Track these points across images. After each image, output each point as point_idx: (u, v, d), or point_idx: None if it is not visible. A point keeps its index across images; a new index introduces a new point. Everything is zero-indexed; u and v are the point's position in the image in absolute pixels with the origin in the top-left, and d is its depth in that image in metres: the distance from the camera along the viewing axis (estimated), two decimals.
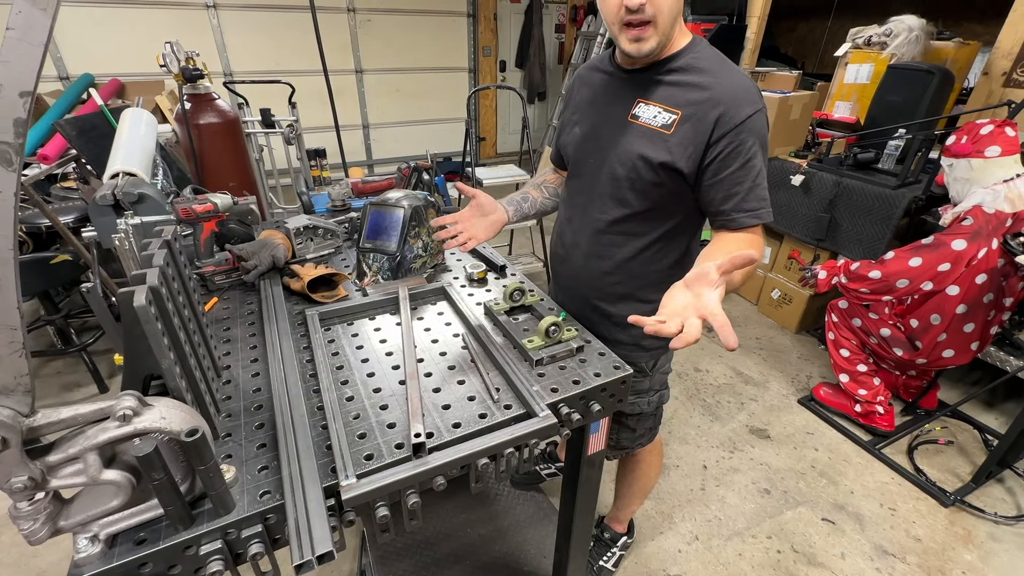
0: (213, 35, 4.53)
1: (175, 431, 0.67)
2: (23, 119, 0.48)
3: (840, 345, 2.28)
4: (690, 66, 0.97)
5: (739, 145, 0.93)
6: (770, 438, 2.24)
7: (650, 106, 1.00)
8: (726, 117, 0.92)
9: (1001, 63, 2.69)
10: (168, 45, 1.71)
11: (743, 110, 0.91)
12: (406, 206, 1.39)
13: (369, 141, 5.68)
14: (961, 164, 1.91)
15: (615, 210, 1.08)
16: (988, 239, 1.79)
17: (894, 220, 2.37)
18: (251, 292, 1.35)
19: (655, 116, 0.99)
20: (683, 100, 0.96)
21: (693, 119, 0.95)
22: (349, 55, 5.16)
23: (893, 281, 1.90)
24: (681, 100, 0.96)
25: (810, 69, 5.83)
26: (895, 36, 2.80)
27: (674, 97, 0.97)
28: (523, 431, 0.90)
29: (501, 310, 1.23)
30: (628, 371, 1.07)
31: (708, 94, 0.94)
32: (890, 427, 2.20)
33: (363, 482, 0.77)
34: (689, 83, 0.96)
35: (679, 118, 0.96)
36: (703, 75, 0.95)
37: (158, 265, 0.76)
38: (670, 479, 2.02)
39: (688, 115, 0.95)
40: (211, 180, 1.68)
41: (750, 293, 3.30)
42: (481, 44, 5.78)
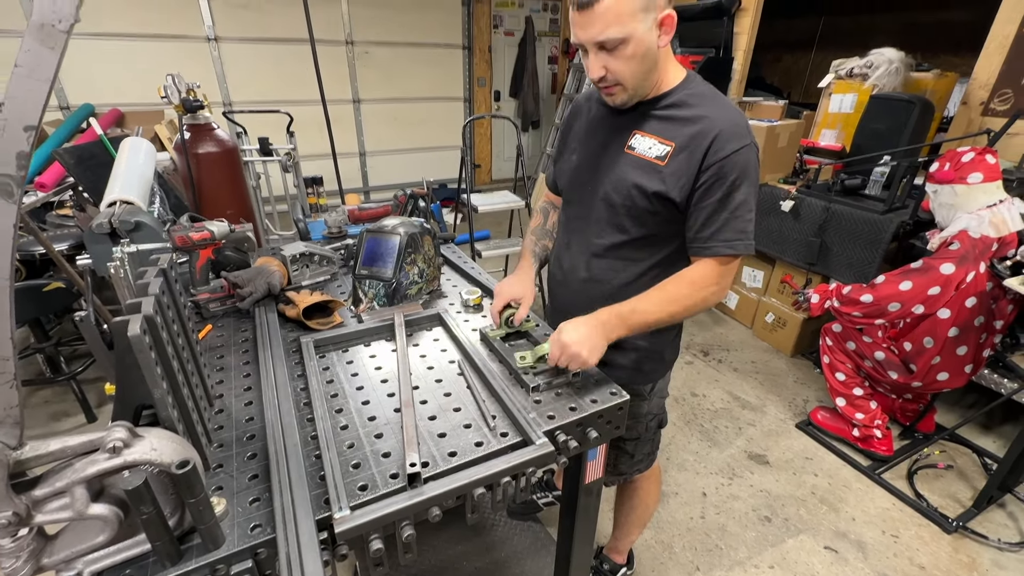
0: (213, 66, 4.63)
1: (166, 463, 0.66)
2: (26, 152, 0.49)
3: (835, 369, 2.28)
4: (683, 102, 1.01)
5: (722, 177, 0.96)
6: (769, 464, 2.21)
7: (645, 138, 1.03)
8: (714, 148, 0.95)
9: (979, 93, 2.79)
10: (170, 77, 1.74)
11: (730, 144, 0.95)
12: (402, 233, 1.41)
13: (365, 168, 5.75)
14: (945, 190, 1.95)
15: (612, 236, 1.10)
16: (976, 263, 1.82)
17: (883, 244, 2.41)
18: (246, 319, 1.35)
19: (650, 148, 1.02)
20: (677, 133, 0.99)
21: (686, 151, 0.98)
22: (347, 85, 5.27)
23: (885, 305, 1.91)
24: (675, 133, 1.00)
25: (796, 98, 6.00)
26: (876, 68, 2.90)
27: (668, 130, 1.01)
28: (520, 459, 0.89)
29: (496, 336, 1.23)
30: (625, 398, 1.06)
31: (700, 127, 0.97)
32: (888, 451, 2.19)
33: (357, 514, 0.76)
34: (683, 117, 1.00)
35: (672, 150, 0.99)
36: (696, 109, 0.99)
37: (154, 294, 0.76)
38: (669, 507, 1.98)
39: (681, 147, 0.98)
40: (208, 208, 1.69)
41: (745, 317, 3.31)
42: (476, 75, 5.93)
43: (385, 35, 5.27)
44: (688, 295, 1.01)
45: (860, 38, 5.64)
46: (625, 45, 0.91)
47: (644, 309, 1.00)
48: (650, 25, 0.92)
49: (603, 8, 0.89)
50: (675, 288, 1.02)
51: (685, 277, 1.03)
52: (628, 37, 0.90)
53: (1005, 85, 2.69)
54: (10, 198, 0.49)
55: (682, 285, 1.02)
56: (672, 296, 1.01)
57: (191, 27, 4.43)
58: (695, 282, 1.02)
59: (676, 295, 1.01)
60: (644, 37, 0.91)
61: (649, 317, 1.00)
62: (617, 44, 0.91)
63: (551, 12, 6.18)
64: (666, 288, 1.02)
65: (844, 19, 6.08)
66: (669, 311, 1.01)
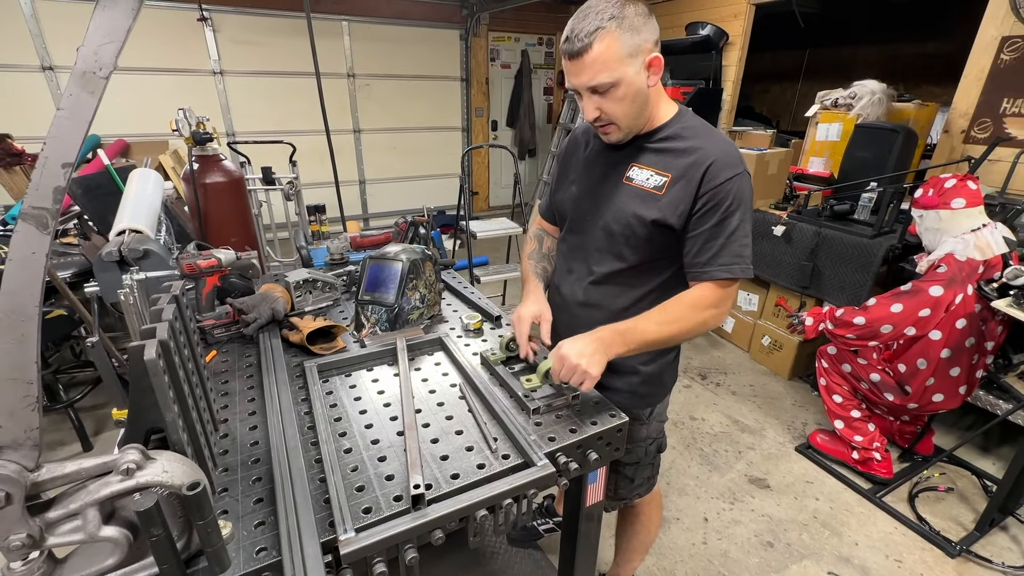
0: (218, 98, 4.76)
1: (176, 484, 0.67)
2: (62, 187, 0.53)
3: (832, 391, 2.30)
4: (678, 135, 1.06)
5: (717, 204, 1.00)
6: (770, 488, 2.21)
7: (643, 170, 1.08)
8: (709, 176, 1.00)
9: (959, 122, 2.90)
10: (181, 111, 1.81)
11: (724, 172, 1.00)
12: (404, 259, 1.44)
13: (365, 196, 5.85)
14: (930, 215, 2.02)
15: (612, 263, 1.14)
16: (963, 285, 1.87)
17: (873, 268, 2.46)
18: (250, 345, 1.37)
19: (648, 179, 1.07)
20: (673, 165, 1.05)
21: (683, 180, 1.03)
22: (348, 116, 5.41)
23: (877, 327, 1.95)
24: (671, 164, 1.05)
25: (784, 127, 6.19)
26: (859, 98, 3.02)
27: (664, 162, 1.06)
28: (521, 481, 0.90)
29: (497, 360, 1.25)
30: (624, 419, 1.08)
31: (695, 158, 1.02)
32: (888, 474, 2.19)
33: (361, 536, 0.77)
34: (678, 149, 1.05)
35: (669, 180, 1.04)
36: (690, 141, 1.04)
37: (167, 319, 0.79)
38: (671, 533, 1.97)
39: (677, 177, 1.04)
40: (214, 236, 1.73)
41: (741, 340, 3.34)
42: (474, 105, 6.09)
43: (385, 68, 5.44)
44: (687, 316, 1.04)
45: (843, 70, 5.87)
46: (616, 88, 0.98)
47: (643, 328, 1.03)
48: (638, 68, 0.98)
49: (592, 58, 0.96)
50: (674, 309, 1.05)
51: (684, 299, 1.06)
52: (618, 81, 0.97)
53: (984, 114, 2.80)
54: (45, 229, 0.53)
55: (681, 307, 1.05)
56: (671, 317, 1.04)
57: (198, 61, 4.58)
58: (694, 304, 1.05)
59: (675, 316, 1.04)
60: (633, 80, 0.97)
61: (648, 336, 1.03)
62: (608, 88, 0.98)
63: (546, 46, 6.41)
64: (666, 309, 1.05)
65: (828, 51, 6.32)
66: (668, 331, 1.03)
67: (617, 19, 0.95)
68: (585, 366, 0.98)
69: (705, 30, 4.21)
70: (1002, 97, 2.73)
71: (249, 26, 4.68)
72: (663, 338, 1.04)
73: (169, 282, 1.13)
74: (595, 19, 0.95)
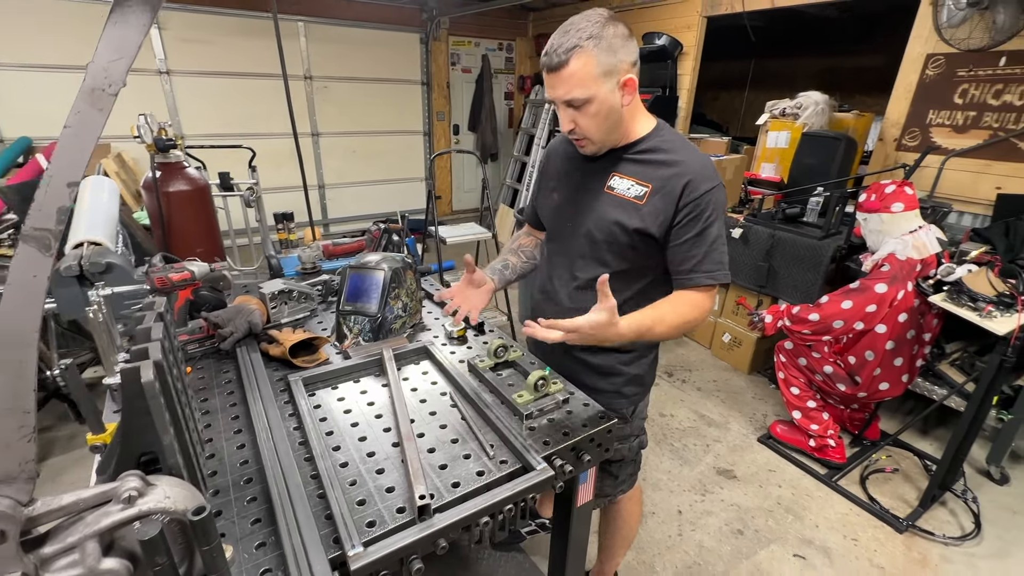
0: (165, 100, 4.52)
1: (180, 510, 0.65)
2: (66, 208, 0.51)
3: (790, 384, 2.45)
4: (657, 148, 1.11)
5: (698, 215, 1.06)
6: (737, 478, 2.32)
7: (623, 179, 1.13)
8: (689, 188, 1.05)
9: (891, 131, 3.15)
10: (142, 117, 1.71)
11: (703, 184, 1.06)
12: (386, 268, 1.43)
13: (325, 201, 5.70)
14: (873, 218, 2.19)
15: (595, 269, 1.18)
16: (904, 282, 2.04)
17: (823, 267, 2.64)
18: (225, 360, 1.32)
19: (628, 188, 1.11)
20: (653, 176, 1.10)
21: (663, 191, 1.08)
22: (306, 119, 5.26)
23: (830, 322, 2.09)
24: (651, 176, 1.10)
25: (734, 133, 6.51)
26: (804, 108, 3.22)
27: (644, 172, 1.11)
28: (522, 486, 0.92)
29: (486, 367, 1.26)
30: (613, 420, 1.12)
31: (675, 170, 1.08)
32: (842, 459, 2.35)
33: (370, 550, 0.76)
34: (657, 161, 1.10)
35: (650, 191, 1.09)
36: (669, 155, 1.10)
37: (157, 339, 0.76)
38: (648, 527, 2.03)
39: (658, 188, 1.08)
40: (178, 247, 1.65)
41: (703, 338, 3.49)
42: (435, 109, 6.06)
43: (344, 70, 5.33)
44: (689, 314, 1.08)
45: (787, 80, 6.24)
46: (589, 104, 1.02)
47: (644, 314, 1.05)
48: (612, 87, 1.03)
49: (568, 73, 1.00)
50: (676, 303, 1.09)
51: (683, 297, 1.10)
52: (591, 98, 1.01)
53: (913, 124, 3.06)
54: (47, 251, 0.50)
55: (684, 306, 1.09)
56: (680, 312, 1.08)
57: (142, 60, 4.31)
58: (693, 305, 1.09)
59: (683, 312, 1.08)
60: (607, 98, 1.02)
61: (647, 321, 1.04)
62: (582, 103, 1.02)
63: (506, 51, 6.46)
64: (677, 306, 1.08)
65: (772, 62, 6.70)
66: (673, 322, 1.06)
67: (595, 39, 0.99)
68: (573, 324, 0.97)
69: (661, 40, 4.37)
70: (928, 109, 2.99)
71: (197, 24, 4.47)
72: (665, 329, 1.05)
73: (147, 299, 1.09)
74: (575, 36, 0.99)
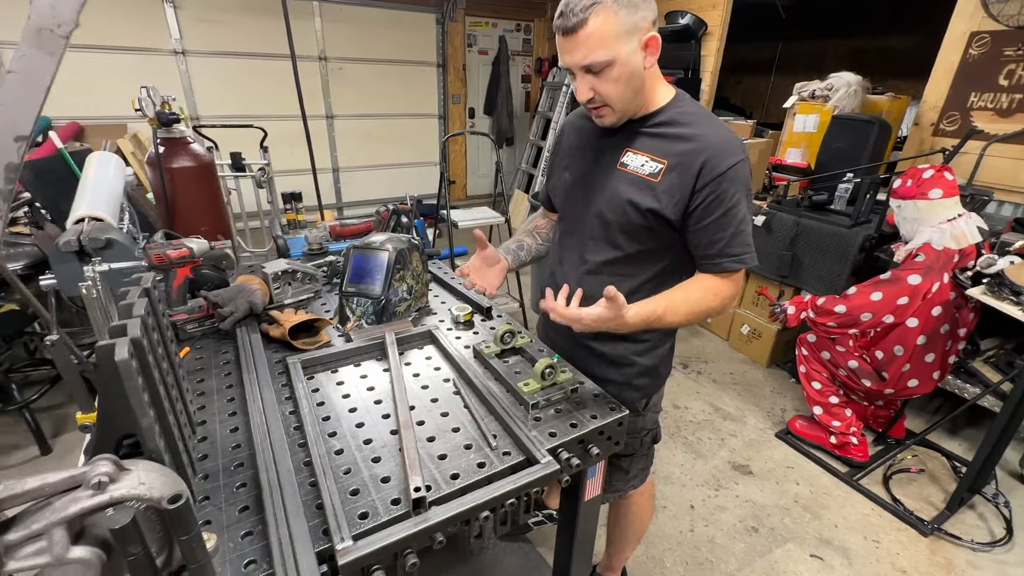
0: (180, 80, 4.51)
1: (156, 498, 0.61)
2: (15, 164, 0.46)
3: (811, 378, 2.35)
4: (674, 120, 1.02)
5: (722, 194, 0.97)
6: (752, 474, 2.24)
7: (638, 155, 1.04)
8: (709, 166, 0.97)
9: (929, 115, 2.98)
10: (144, 90, 1.68)
11: (726, 160, 0.97)
12: (391, 249, 1.38)
13: (339, 184, 5.67)
14: (908, 205, 2.06)
15: (606, 252, 1.10)
16: (939, 274, 1.92)
17: (851, 257, 2.52)
18: (225, 340, 1.28)
19: (642, 165, 1.03)
20: (669, 151, 1.01)
21: (679, 168, 0.99)
22: (320, 101, 5.21)
23: (857, 315, 1.99)
24: (667, 151, 1.01)
25: (758, 118, 6.29)
26: (836, 90, 3.06)
27: (660, 147, 1.02)
28: (525, 479, 0.87)
29: (492, 353, 1.21)
30: (624, 412, 1.06)
31: (693, 145, 0.99)
32: (864, 457, 2.25)
33: (360, 544, 0.72)
34: (674, 135, 1.01)
35: (665, 167, 1.01)
36: (688, 128, 1.01)
37: (139, 315, 0.72)
38: (659, 521, 1.98)
39: (674, 164, 1.00)
40: (183, 224, 1.62)
41: (720, 329, 3.38)
42: (451, 92, 5.96)
43: (359, 52, 5.25)
44: (708, 301, 1.02)
45: (815, 63, 5.99)
46: (611, 68, 0.93)
47: (656, 302, 0.99)
48: (634, 47, 0.94)
49: (586, 34, 0.91)
50: (697, 293, 1.02)
51: (701, 284, 1.03)
52: (613, 60, 0.92)
53: (953, 108, 2.88)
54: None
55: (702, 292, 1.02)
56: (696, 299, 1.01)
57: (158, 40, 4.32)
58: (712, 291, 1.02)
59: (699, 299, 1.01)
60: (629, 59, 0.93)
61: (659, 309, 0.98)
62: (603, 67, 0.93)
63: (524, 32, 6.30)
64: (690, 292, 1.02)
65: (800, 44, 6.43)
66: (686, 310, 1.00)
67: None
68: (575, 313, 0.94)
69: (685, 19, 4.20)
70: (970, 91, 2.81)
71: (213, 3, 4.44)
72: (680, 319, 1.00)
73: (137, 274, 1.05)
74: None
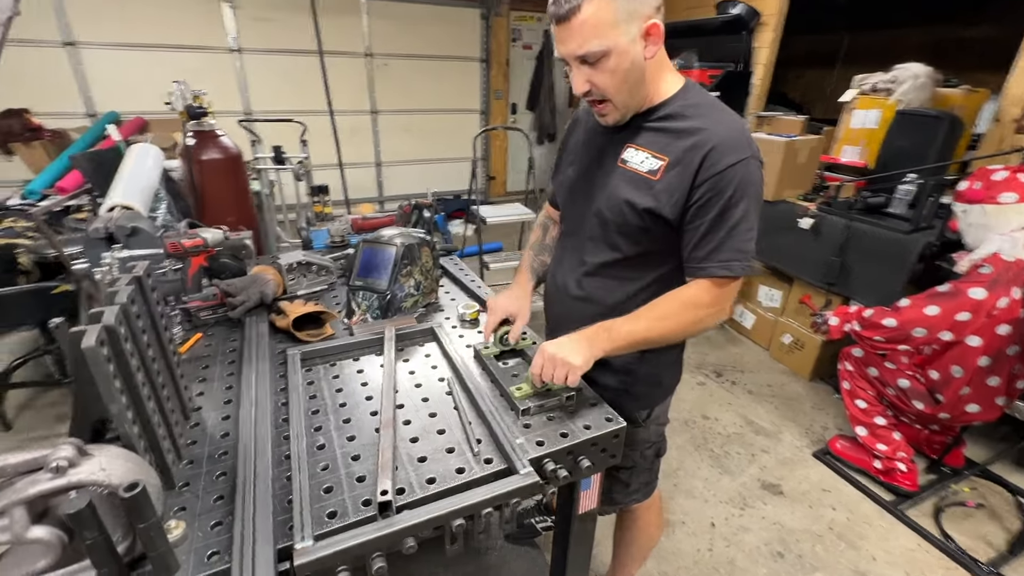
0: (236, 76, 4.73)
1: (115, 484, 0.62)
2: None
3: (856, 396, 2.16)
4: (678, 113, 0.95)
5: (718, 193, 0.89)
6: (783, 494, 2.10)
7: (639, 151, 0.98)
8: (708, 162, 0.89)
9: (1011, 110, 2.67)
10: (176, 84, 1.76)
11: (727, 157, 0.88)
12: (398, 244, 1.37)
13: (381, 178, 5.79)
14: (975, 210, 1.85)
15: (605, 254, 1.05)
16: (1008, 288, 1.71)
17: (908, 265, 2.30)
18: (236, 329, 1.32)
19: (642, 162, 0.97)
20: (671, 147, 0.94)
21: (680, 165, 0.92)
22: (365, 96, 5.34)
23: (909, 330, 1.81)
24: (669, 147, 0.94)
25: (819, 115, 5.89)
26: (900, 83, 2.80)
27: (661, 143, 0.95)
28: (502, 489, 0.83)
29: (490, 354, 1.17)
30: (621, 424, 1.00)
31: (695, 140, 0.91)
32: (913, 486, 2.05)
33: (320, 545, 0.70)
34: (677, 129, 0.94)
35: (666, 164, 0.94)
36: (692, 121, 0.93)
37: (120, 303, 0.73)
38: (675, 537, 1.88)
39: (675, 161, 0.93)
40: (210, 214, 1.69)
41: (761, 337, 3.19)
42: (493, 88, 5.95)
43: (404, 47, 5.33)
44: (679, 313, 0.96)
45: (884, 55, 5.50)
46: (607, 58, 0.87)
47: (632, 325, 0.95)
48: (633, 36, 0.87)
49: (580, 21, 0.85)
50: (666, 306, 0.96)
51: (679, 296, 0.97)
52: (609, 50, 0.86)
53: None
54: None
55: (674, 303, 0.96)
56: (662, 313, 0.95)
57: (215, 38, 4.54)
58: (688, 302, 0.95)
59: (667, 312, 0.96)
60: (627, 49, 0.87)
61: (636, 335, 0.95)
62: (599, 57, 0.87)
63: None
64: (657, 306, 0.96)
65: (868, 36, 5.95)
66: (659, 329, 0.95)
67: None
68: (565, 355, 0.91)
69: (736, 8, 3.97)
70: None
71: (268, 2, 4.62)
72: (654, 337, 0.95)
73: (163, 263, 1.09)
74: None
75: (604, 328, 0.97)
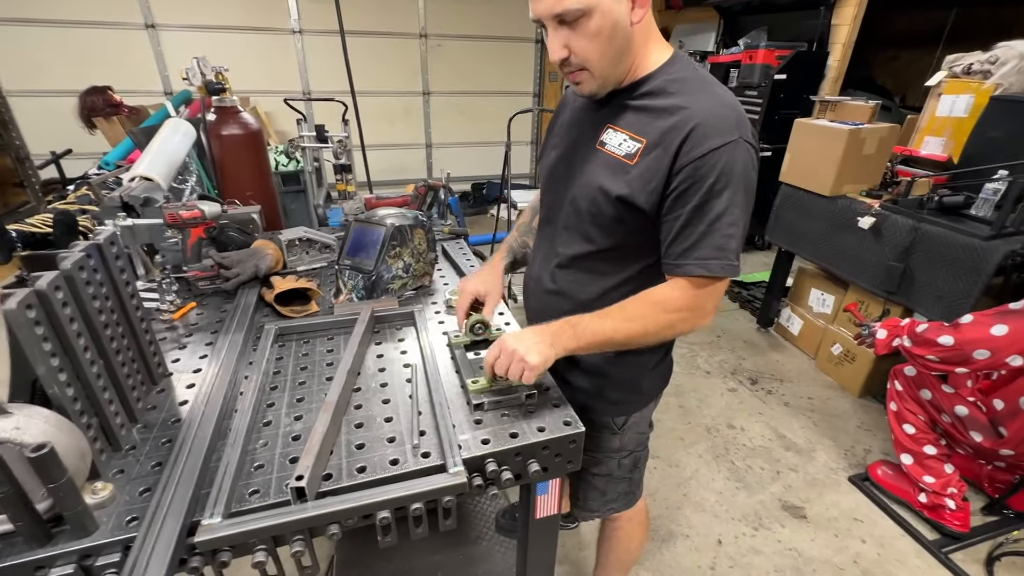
0: (296, 57, 4.92)
1: (26, 443, 0.64)
2: None
3: (904, 419, 1.92)
4: (661, 89, 0.84)
5: (698, 181, 0.78)
6: (806, 519, 1.92)
7: (617, 132, 0.88)
8: (688, 145, 0.78)
9: None
10: (194, 60, 1.83)
11: (710, 140, 0.77)
12: (388, 224, 1.35)
13: (431, 160, 5.85)
14: None
15: (579, 245, 0.96)
16: None
17: (984, 276, 1.99)
18: (229, 300, 1.36)
19: (620, 144, 0.87)
20: (650, 127, 0.84)
21: (658, 148, 0.82)
22: (418, 77, 5.38)
23: (969, 351, 1.56)
24: (648, 127, 0.84)
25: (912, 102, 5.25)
26: (1002, 64, 2.41)
27: (640, 123, 0.85)
28: (433, 486, 0.80)
29: (460, 343, 1.13)
30: (579, 430, 0.92)
31: (676, 119, 0.80)
32: (963, 527, 1.81)
33: (228, 523, 0.70)
34: (658, 107, 0.83)
35: (643, 147, 0.84)
36: (675, 98, 0.82)
37: (63, 270, 0.76)
38: (675, 549, 1.78)
39: (653, 143, 0.83)
40: (230, 189, 1.75)
41: (808, 346, 2.93)
42: (547, 70, 5.81)
43: (458, 28, 5.31)
44: (649, 315, 0.86)
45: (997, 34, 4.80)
46: (588, 18, 0.77)
47: (598, 323, 0.87)
48: None
49: None
50: (637, 306, 0.87)
51: (651, 296, 0.87)
52: (590, 8, 0.76)
53: None
54: None
55: (645, 304, 0.87)
56: (631, 314, 0.86)
57: (279, 20, 4.73)
58: (660, 303, 0.86)
59: (636, 313, 0.86)
60: (611, 9, 0.76)
61: (601, 335, 0.86)
62: (578, 16, 0.77)
63: None
64: (627, 305, 0.88)
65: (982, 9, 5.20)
66: (626, 331, 0.86)
67: None
68: (523, 352, 0.84)
69: None
70: None
71: None
72: (619, 339, 0.86)
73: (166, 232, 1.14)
74: None
75: (570, 324, 0.89)
